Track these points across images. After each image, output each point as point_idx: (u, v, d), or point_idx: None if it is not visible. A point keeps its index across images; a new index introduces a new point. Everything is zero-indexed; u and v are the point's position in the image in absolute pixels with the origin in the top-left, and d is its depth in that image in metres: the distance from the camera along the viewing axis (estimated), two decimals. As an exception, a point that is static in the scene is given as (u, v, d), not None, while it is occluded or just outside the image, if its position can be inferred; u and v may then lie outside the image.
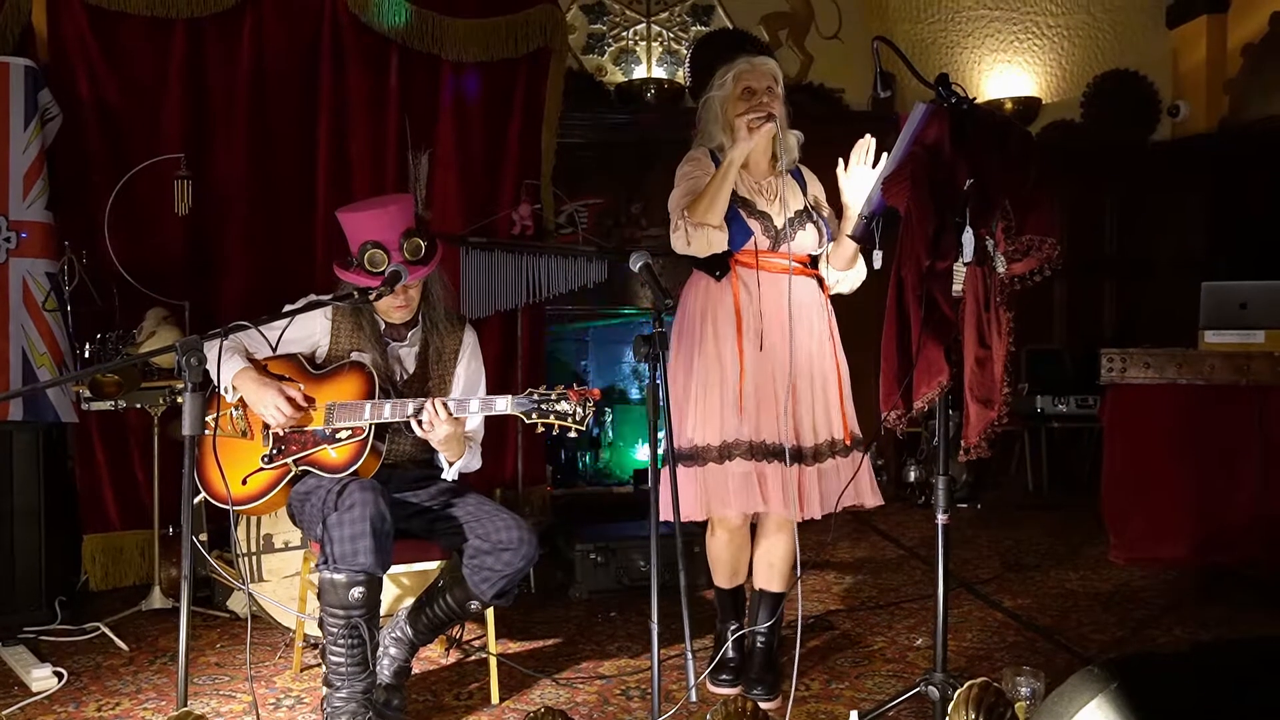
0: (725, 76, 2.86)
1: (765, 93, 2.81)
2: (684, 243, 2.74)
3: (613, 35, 6.25)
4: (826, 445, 2.82)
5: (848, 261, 2.91)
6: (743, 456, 2.73)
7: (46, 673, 2.91)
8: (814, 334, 2.85)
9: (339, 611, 2.42)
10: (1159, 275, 6.49)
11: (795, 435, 2.77)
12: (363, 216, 2.71)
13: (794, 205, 2.87)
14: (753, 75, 2.84)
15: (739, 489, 2.74)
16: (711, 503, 2.76)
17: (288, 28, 4.29)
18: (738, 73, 2.84)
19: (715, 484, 2.75)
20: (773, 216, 2.82)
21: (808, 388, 2.82)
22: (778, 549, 2.91)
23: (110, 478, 3.95)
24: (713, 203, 2.69)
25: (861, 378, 3.03)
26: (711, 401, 2.76)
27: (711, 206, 2.69)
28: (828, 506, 2.80)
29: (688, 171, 2.86)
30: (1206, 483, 4.18)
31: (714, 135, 2.88)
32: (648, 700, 2.77)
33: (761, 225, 2.80)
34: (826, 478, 2.81)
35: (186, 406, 2.09)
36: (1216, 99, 6.46)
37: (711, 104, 2.89)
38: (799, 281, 2.82)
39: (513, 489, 4.55)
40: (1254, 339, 4.17)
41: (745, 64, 2.86)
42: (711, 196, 2.69)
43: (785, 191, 2.87)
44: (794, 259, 2.81)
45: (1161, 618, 3.56)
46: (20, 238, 3.55)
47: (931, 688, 2.48)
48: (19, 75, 3.58)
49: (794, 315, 2.78)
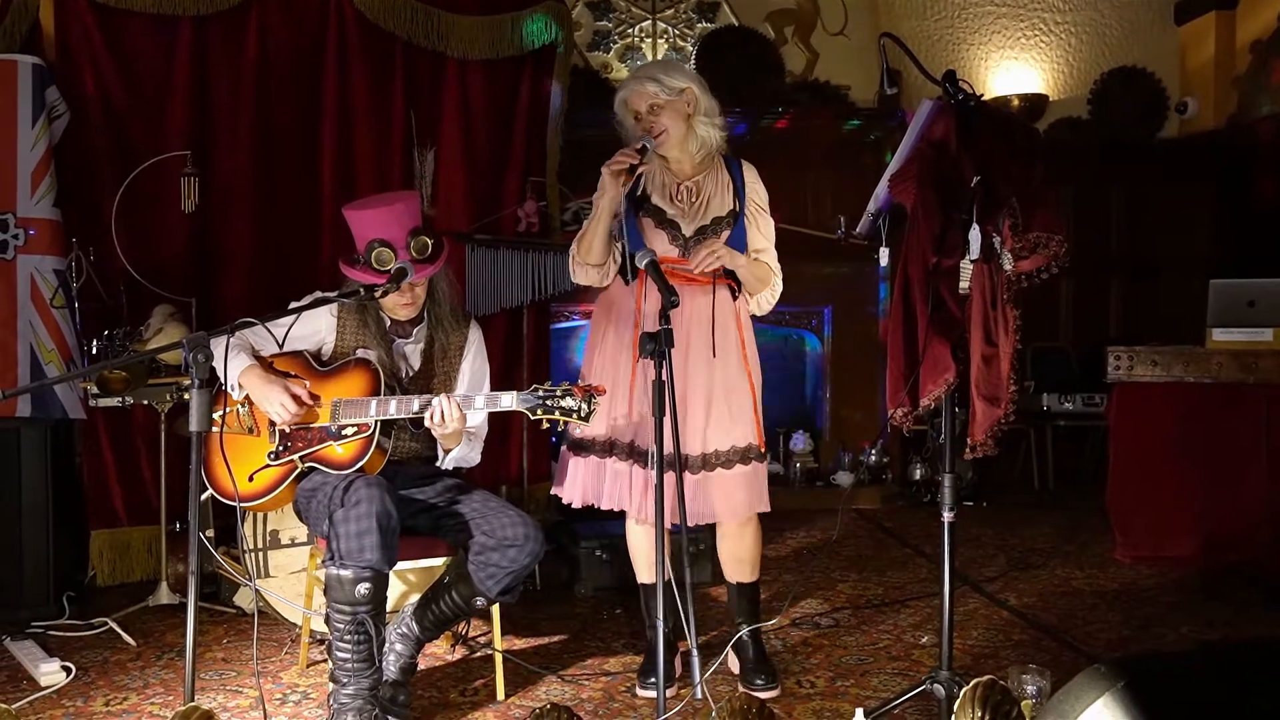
0: (620, 94, 2.90)
1: (649, 113, 2.83)
2: (575, 276, 2.90)
3: (618, 32, 6.25)
4: (716, 456, 2.82)
5: (755, 283, 2.91)
6: (619, 456, 2.83)
7: (54, 667, 2.92)
8: (721, 346, 2.83)
9: (345, 607, 2.42)
10: (1166, 273, 6.47)
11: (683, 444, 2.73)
12: (369, 214, 2.71)
13: (714, 209, 2.86)
14: (633, 98, 2.86)
15: (611, 485, 2.84)
16: (587, 494, 2.87)
17: (293, 24, 4.30)
18: (621, 100, 2.89)
19: (592, 477, 2.86)
20: (681, 225, 2.83)
21: (703, 399, 2.81)
22: (742, 542, 2.94)
23: (117, 474, 3.96)
24: (590, 246, 2.81)
25: (863, 380, 3.04)
26: (603, 399, 2.77)
27: (590, 249, 2.81)
28: (706, 517, 2.84)
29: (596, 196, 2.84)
30: (1213, 481, 4.18)
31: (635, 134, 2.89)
32: (652, 698, 2.77)
33: (669, 235, 2.82)
34: (709, 487, 2.82)
35: (193, 403, 2.10)
36: (1225, 96, 6.43)
37: (626, 134, 2.91)
38: (706, 290, 2.83)
39: (518, 485, 4.56)
40: (1262, 337, 4.16)
41: (628, 89, 2.88)
42: (588, 241, 2.81)
43: (711, 193, 2.88)
44: (699, 270, 2.80)
45: (1168, 616, 3.55)
46: (28, 235, 3.56)
47: (937, 685, 2.48)
48: (26, 73, 3.59)
49: (693, 328, 2.81)
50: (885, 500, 5.61)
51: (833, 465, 5.82)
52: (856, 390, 5.86)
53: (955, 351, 2.42)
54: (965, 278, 2.42)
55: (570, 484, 2.91)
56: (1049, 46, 6.65)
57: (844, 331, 5.91)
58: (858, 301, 5.87)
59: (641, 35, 6.25)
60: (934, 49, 6.46)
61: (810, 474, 5.79)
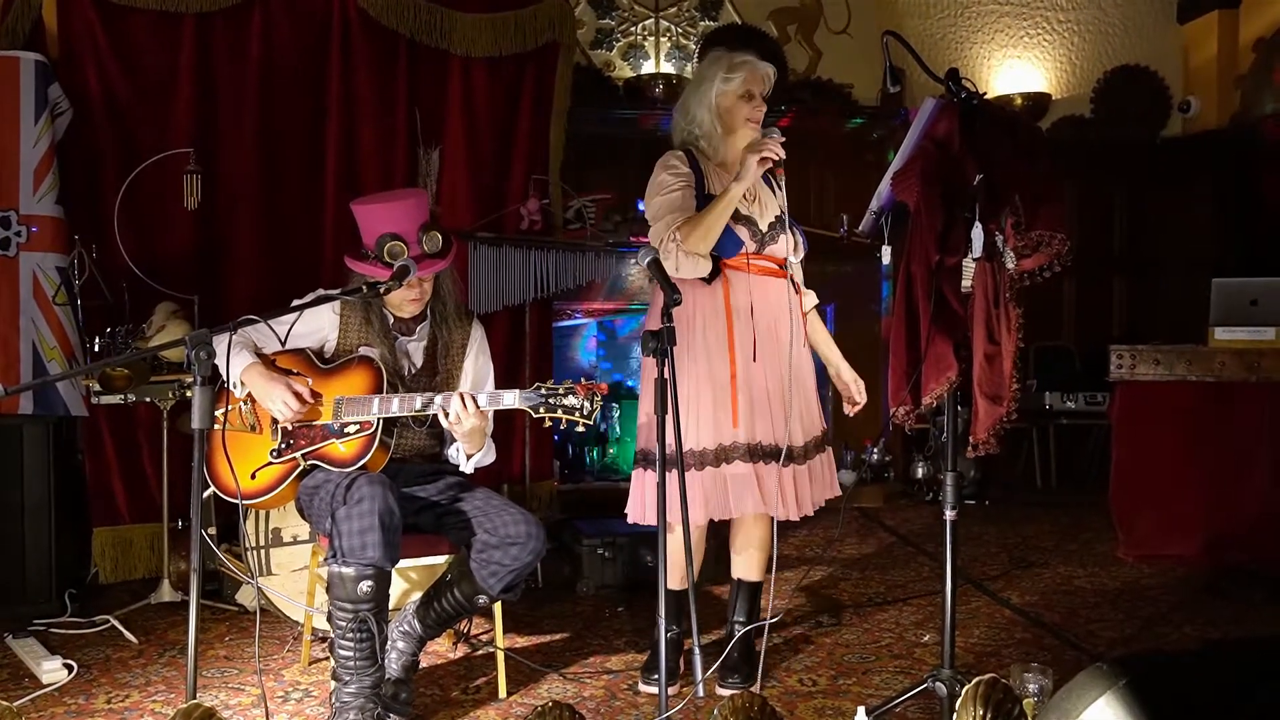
0: (733, 74, 2.82)
1: (760, 99, 2.84)
2: (673, 266, 2.70)
3: (621, 30, 6.24)
4: (813, 444, 2.89)
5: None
6: (740, 459, 2.75)
7: (57, 665, 2.92)
8: (796, 336, 2.87)
9: (347, 605, 2.42)
10: (1169, 272, 6.46)
11: (788, 436, 2.80)
12: (380, 209, 2.71)
13: (771, 210, 2.88)
14: (756, 78, 2.83)
15: (738, 491, 2.76)
16: (711, 505, 2.76)
17: (297, 22, 4.30)
18: (746, 73, 2.82)
19: (714, 487, 2.76)
20: (757, 220, 2.84)
21: (798, 390, 2.84)
22: (754, 539, 2.93)
23: (120, 471, 3.97)
24: (708, 234, 2.70)
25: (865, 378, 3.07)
26: (705, 406, 2.77)
27: (706, 237, 2.70)
28: (818, 503, 2.89)
29: (668, 182, 2.81)
30: (1216, 480, 4.18)
31: (703, 123, 2.85)
32: (654, 696, 2.78)
33: (749, 231, 2.81)
34: (813, 475, 2.88)
35: (196, 400, 2.10)
36: (1228, 95, 6.43)
37: (707, 93, 2.84)
38: (781, 285, 2.86)
39: (520, 484, 4.56)
40: (1264, 336, 4.16)
41: (751, 66, 2.83)
42: (708, 228, 2.69)
43: (762, 194, 2.90)
44: (774, 261, 2.84)
45: (1170, 615, 3.55)
46: (31, 232, 3.56)
47: (939, 684, 2.48)
48: (29, 70, 3.60)
49: (779, 319, 2.83)
50: (887, 498, 5.61)
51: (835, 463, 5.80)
52: (859, 389, 5.85)
53: (958, 350, 2.42)
54: (968, 276, 2.42)
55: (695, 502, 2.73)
56: (1052, 45, 6.64)
57: (846, 330, 5.88)
58: (860, 300, 5.87)
59: (644, 33, 6.25)
60: (937, 47, 6.46)
61: (812, 472, 5.78)
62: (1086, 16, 6.65)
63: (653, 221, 2.82)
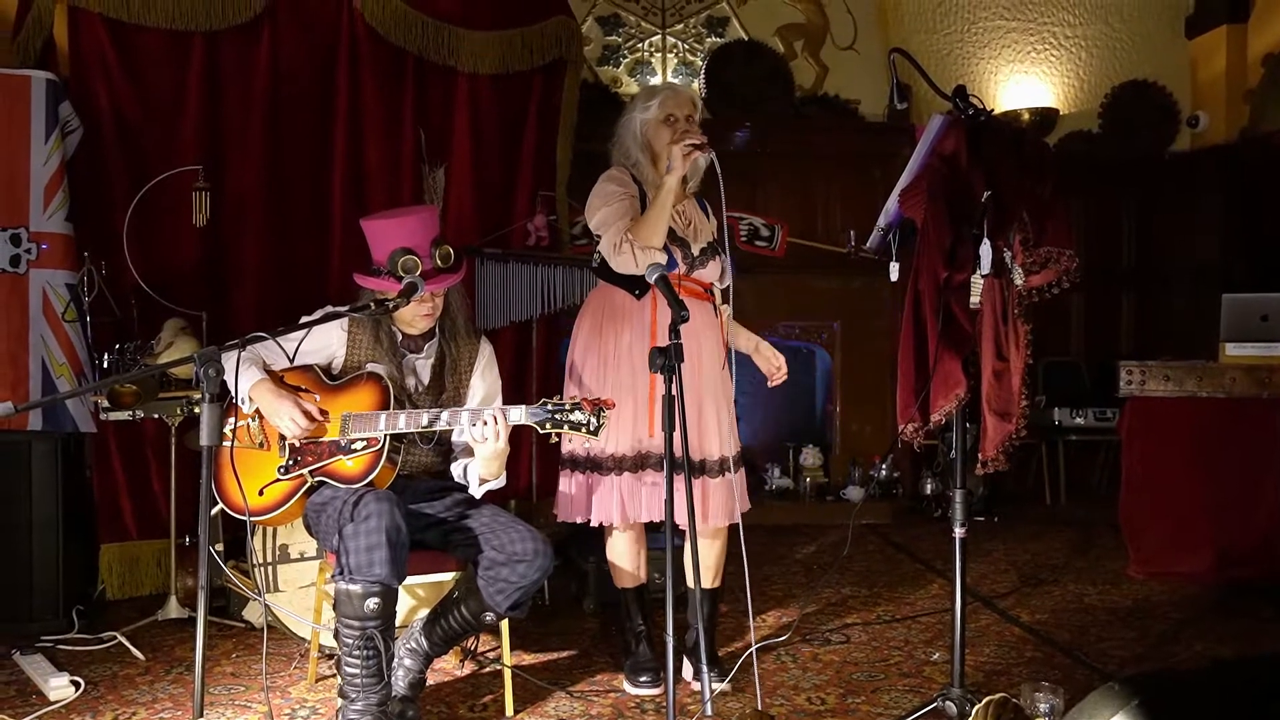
0: (651, 101, 3.01)
1: (686, 120, 2.97)
2: (631, 263, 2.85)
3: (628, 47, 6.28)
4: (730, 460, 2.98)
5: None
6: (653, 468, 2.90)
7: (64, 682, 2.92)
8: (717, 358, 3.00)
9: (354, 622, 2.42)
10: (1178, 287, 6.45)
11: (702, 450, 2.94)
12: (391, 224, 2.73)
13: (704, 234, 3.03)
14: (675, 102, 3.00)
15: (650, 498, 2.91)
16: (629, 510, 2.93)
17: (305, 40, 4.32)
18: (663, 99, 3.00)
19: (630, 493, 2.92)
20: (690, 244, 2.97)
21: (713, 407, 2.97)
22: (710, 553, 3.05)
23: (128, 487, 3.97)
24: (658, 225, 2.84)
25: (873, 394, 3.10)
26: (624, 414, 2.90)
27: (657, 228, 2.84)
28: (732, 517, 2.97)
29: (614, 191, 2.96)
30: (1227, 496, 4.15)
31: (630, 153, 3.03)
32: (662, 713, 2.76)
33: (681, 252, 2.95)
34: (725, 489, 2.97)
35: (204, 417, 2.10)
36: (1236, 109, 6.42)
37: (632, 123, 3.03)
38: (707, 307, 3.00)
39: (527, 500, 4.55)
40: (1275, 351, 4.14)
41: (669, 91, 3.04)
42: (655, 220, 2.84)
43: (695, 219, 3.06)
44: (701, 285, 2.99)
45: (1181, 633, 3.52)
46: (41, 249, 3.58)
47: (949, 703, 2.46)
48: (40, 88, 3.62)
49: (701, 339, 2.94)
50: (896, 515, 5.58)
51: (843, 480, 5.80)
52: (866, 404, 5.85)
53: (966, 366, 2.41)
54: (976, 292, 2.42)
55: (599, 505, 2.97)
56: (1059, 60, 6.65)
57: (854, 346, 5.90)
58: (868, 316, 5.86)
59: (651, 50, 6.28)
60: (944, 63, 6.47)
61: (820, 488, 5.78)
62: (1094, 31, 6.65)
63: (601, 229, 2.95)
